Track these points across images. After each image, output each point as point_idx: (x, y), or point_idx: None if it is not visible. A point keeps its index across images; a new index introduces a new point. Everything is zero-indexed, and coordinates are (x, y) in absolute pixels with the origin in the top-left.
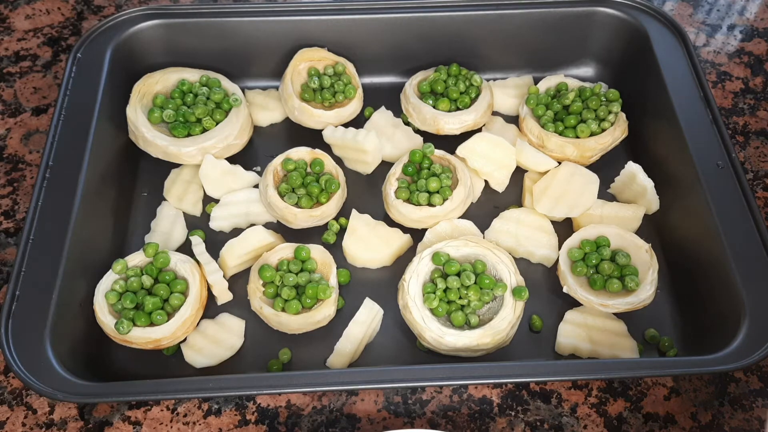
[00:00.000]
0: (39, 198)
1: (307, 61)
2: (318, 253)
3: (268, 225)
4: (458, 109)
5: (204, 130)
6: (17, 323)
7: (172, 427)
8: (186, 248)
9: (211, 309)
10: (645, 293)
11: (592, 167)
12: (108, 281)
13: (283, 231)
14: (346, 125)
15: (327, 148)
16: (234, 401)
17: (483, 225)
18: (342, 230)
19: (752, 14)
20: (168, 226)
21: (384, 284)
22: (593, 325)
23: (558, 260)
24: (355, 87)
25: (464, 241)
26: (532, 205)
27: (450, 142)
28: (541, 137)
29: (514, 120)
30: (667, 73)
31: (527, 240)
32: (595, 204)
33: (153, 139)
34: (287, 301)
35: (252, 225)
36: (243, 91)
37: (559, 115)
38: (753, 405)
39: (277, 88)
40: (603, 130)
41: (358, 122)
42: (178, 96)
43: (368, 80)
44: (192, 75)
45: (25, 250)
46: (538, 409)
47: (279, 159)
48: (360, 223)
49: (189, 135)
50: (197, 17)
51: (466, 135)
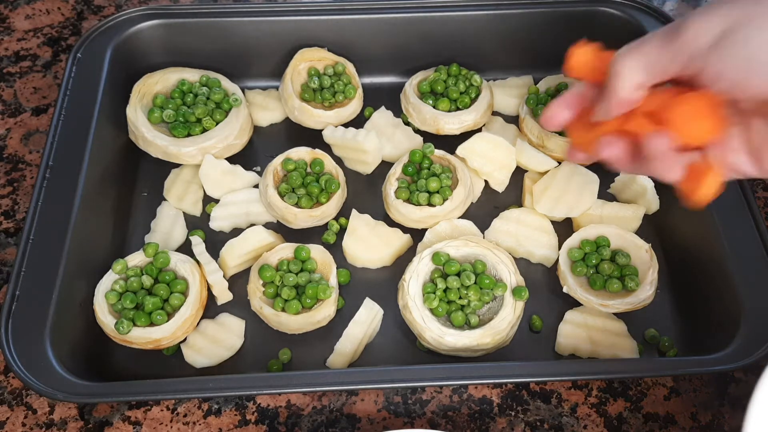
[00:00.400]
0: (39, 198)
1: (307, 61)
2: (318, 253)
3: (268, 225)
4: (458, 109)
5: (204, 130)
6: (17, 323)
7: (172, 427)
8: (186, 248)
9: (211, 309)
10: (645, 293)
11: (592, 167)
12: (108, 281)
13: (283, 231)
14: (346, 125)
15: (327, 148)
16: (234, 401)
17: (483, 225)
18: (342, 230)
19: None
20: (168, 226)
21: (384, 284)
22: (593, 325)
23: (558, 260)
24: (355, 87)
25: (464, 241)
26: (532, 205)
27: (450, 142)
28: (541, 137)
29: (514, 120)
30: None
31: (527, 240)
32: (595, 204)
33: (153, 139)
34: (287, 301)
35: (252, 225)
36: (243, 91)
37: None
38: None
39: (277, 88)
40: None
41: (358, 122)
42: (178, 96)
43: (368, 80)
44: (192, 75)
45: (25, 250)
46: (538, 409)
47: (279, 159)
48: (360, 223)
49: (189, 135)
50: (197, 17)
51: (466, 135)
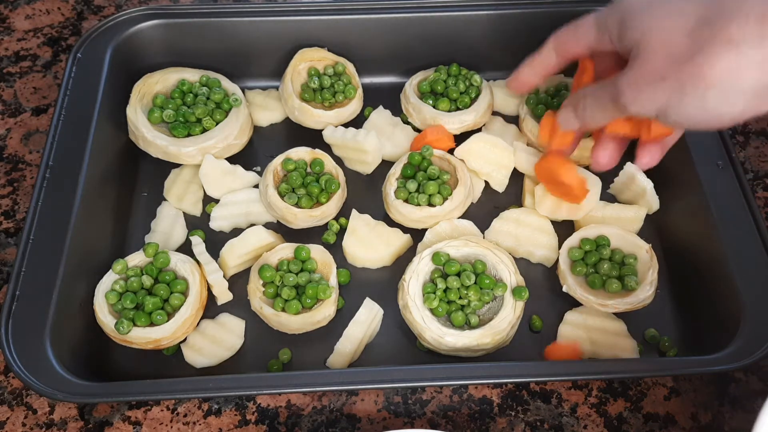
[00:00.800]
0: (39, 198)
1: (307, 61)
2: (318, 253)
3: (268, 225)
4: (458, 109)
5: (204, 130)
6: (17, 323)
7: (172, 427)
8: (186, 248)
9: (211, 309)
10: (645, 293)
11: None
12: (108, 281)
13: (283, 231)
14: (346, 125)
15: (327, 148)
16: (234, 401)
17: (483, 225)
18: (342, 230)
19: None
20: (168, 226)
21: (384, 284)
22: (593, 326)
23: (558, 260)
24: (355, 87)
25: (464, 241)
26: (533, 206)
27: None
28: None
29: (514, 120)
30: None
31: (527, 240)
32: (597, 205)
33: (153, 139)
34: (287, 301)
35: (252, 225)
36: (243, 91)
37: None
38: (753, 405)
39: (277, 88)
40: None
41: (358, 122)
42: (178, 96)
43: (368, 80)
44: (192, 75)
45: (25, 250)
46: (538, 409)
47: (279, 159)
48: (360, 223)
49: (189, 135)
50: (197, 17)
51: (466, 135)
